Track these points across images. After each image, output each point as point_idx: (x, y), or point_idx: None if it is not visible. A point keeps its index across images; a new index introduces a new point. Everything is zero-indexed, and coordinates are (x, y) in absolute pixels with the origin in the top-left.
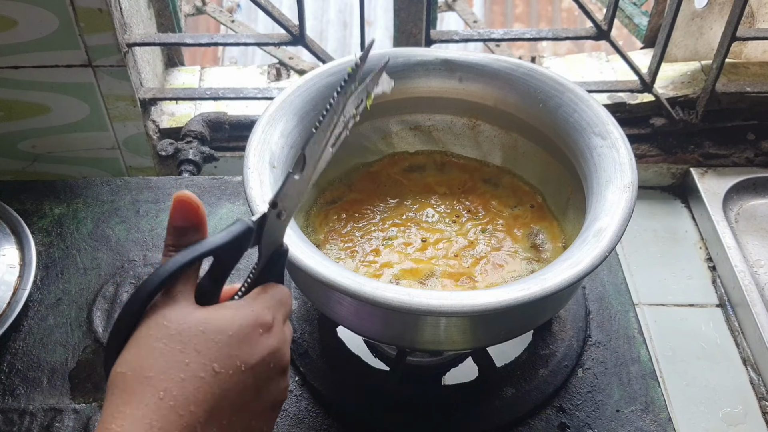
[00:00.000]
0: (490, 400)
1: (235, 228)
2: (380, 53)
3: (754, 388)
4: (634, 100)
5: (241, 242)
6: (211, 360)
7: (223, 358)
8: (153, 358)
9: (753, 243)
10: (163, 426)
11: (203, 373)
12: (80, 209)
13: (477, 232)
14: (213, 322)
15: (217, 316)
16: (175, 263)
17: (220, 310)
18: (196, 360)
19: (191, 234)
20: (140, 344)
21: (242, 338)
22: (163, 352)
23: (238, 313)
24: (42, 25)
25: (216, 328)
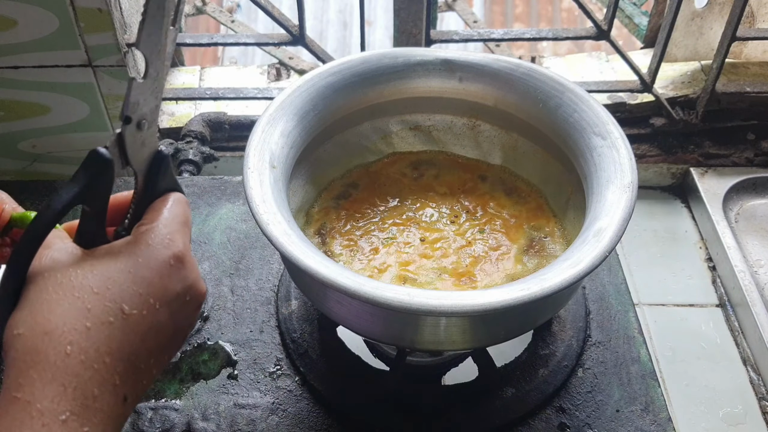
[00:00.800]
0: (490, 400)
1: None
2: (380, 53)
3: (754, 388)
4: (634, 100)
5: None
6: (116, 301)
7: (129, 296)
8: (49, 311)
9: (753, 243)
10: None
11: (111, 317)
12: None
13: (476, 232)
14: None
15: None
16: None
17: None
18: (96, 302)
19: None
20: (31, 300)
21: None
22: (58, 302)
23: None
24: (42, 25)
25: (112, 266)
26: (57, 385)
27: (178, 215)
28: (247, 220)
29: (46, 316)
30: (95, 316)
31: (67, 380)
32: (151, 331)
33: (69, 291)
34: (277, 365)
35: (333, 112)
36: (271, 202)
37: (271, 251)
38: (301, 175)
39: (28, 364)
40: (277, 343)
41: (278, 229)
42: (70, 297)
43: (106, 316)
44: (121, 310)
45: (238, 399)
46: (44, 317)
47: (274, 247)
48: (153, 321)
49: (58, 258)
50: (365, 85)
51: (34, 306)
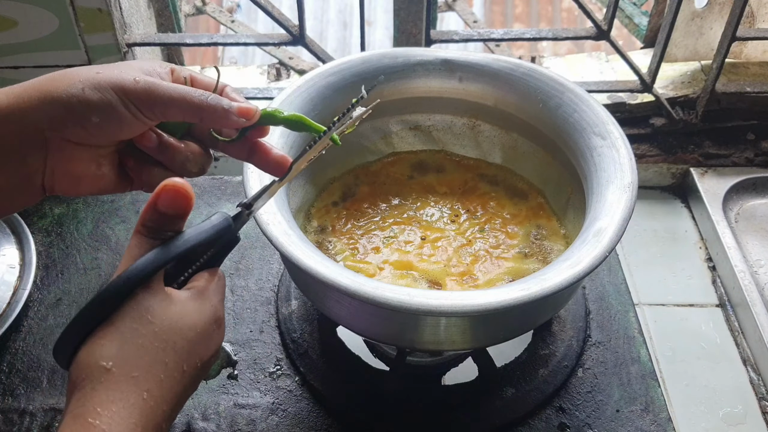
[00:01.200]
0: (490, 400)
1: (218, 224)
2: (380, 53)
3: (754, 388)
4: (634, 100)
5: (218, 237)
6: (183, 360)
7: (190, 357)
8: (139, 356)
9: (753, 243)
10: (145, 425)
11: (177, 374)
12: (80, 209)
13: (476, 231)
14: (187, 318)
15: (189, 311)
16: (166, 257)
17: (189, 303)
18: (173, 360)
19: (174, 222)
20: (125, 338)
21: (205, 335)
22: (148, 351)
23: (202, 308)
24: (42, 25)
25: (189, 325)
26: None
27: (221, 287)
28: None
29: (136, 361)
30: (169, 370)
31: (138, 420)
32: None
33: (159, 344)
34: (277, 365)
35: (333, 112)
36: (271, 202)
37: (271, 251)
38: (300, 175)
39: (111, 398)
40: (277, 343)
41: (278, 229)
42: (158, 350)
43: (174, 372)
44: (182, 368)
45: (238, 399)
46: (135, 362)
47: (274, 247)
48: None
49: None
50: (365, 85)
51: (127, 346)
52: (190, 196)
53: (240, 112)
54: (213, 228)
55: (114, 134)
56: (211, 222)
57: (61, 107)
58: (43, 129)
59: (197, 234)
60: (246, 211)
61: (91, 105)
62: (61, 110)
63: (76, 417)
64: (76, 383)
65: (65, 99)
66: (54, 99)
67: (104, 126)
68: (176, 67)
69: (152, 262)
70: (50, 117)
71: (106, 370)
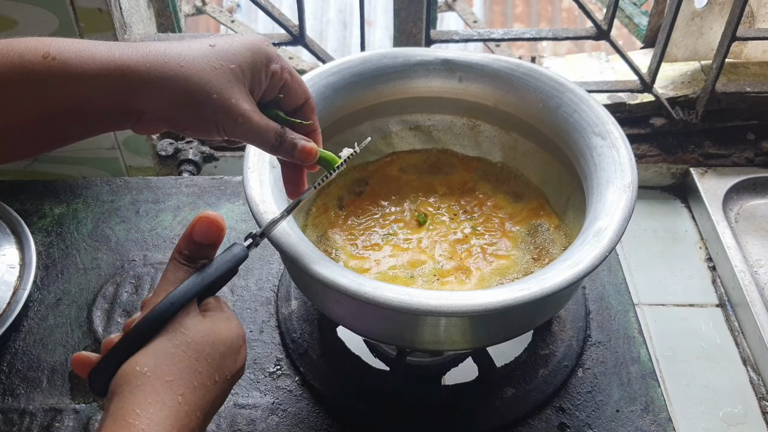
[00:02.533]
0: (490, 400)
1: (238, 254)
2: (380, 53)
3: (754, 388)
4: (634, 100)
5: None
6: (215, 370)
7: (220, 368)
8: (173, 363)
9: (753, 243)
10: (180, 428)
11: (209, 382)
12: (80, 209)
13: (475, 230)
14: (217, 332)
15: (219, 327)
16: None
17: (219, 321)
18: (206, 369)
19: (207, 250)
20: (159, 348)
21: (232, 350)
22: (182, 359)
23: (230, 325)
24: (42, 25)
25: (221, 339)
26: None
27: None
28: (247, 220)
29: (170, 368)
30: (202, 378)
31: (174, 422)
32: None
33: (192, 353)
34: (277, 365)
35: (333, 112)
36: (271, 202)
37: (271, 251)
38: None
39: (148, 401)
40: (277, 343)
41: (278, 229)
42: (191, 359)
43: (206, 380)
44: (214, 378)
45: (238, 399)
46: (169, 367)
47: (274, 247)
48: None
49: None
50: (365, 85)
51: (161, 354)
52: (222, 227)
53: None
54: (234, 258)
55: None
56: (233, 252)
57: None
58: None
59: (223, 264)
60: (257, 240)
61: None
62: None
63: (116, 419)
64: (114, 391)
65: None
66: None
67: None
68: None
69: (191, 288)
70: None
71: (142, 375)
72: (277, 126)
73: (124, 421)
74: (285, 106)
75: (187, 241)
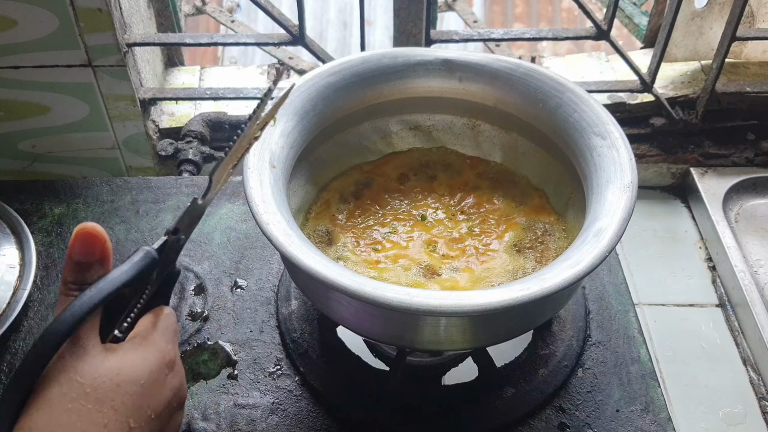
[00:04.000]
0: (490, 400)
1: (140, 261)
2: (380, 53)
3: (754, 388)
4: (634, 100)
5: (145, 274)
6: (127, 416)
7: (136, 411)
8: (70, 422)
9: (753, 243)
10: None
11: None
12: (80, 209)
13: (475, 229)
14: (126, 371)
15: (128, 363)
16: (82, 308)
17: (128, 354)
18: (114, 419)
19: (95, 269)
20: (53, 405)
21: (152, 384)
22: (80, 415)
23: (146, 356)
24: (42, 25)
25: (130, 378)
26: None
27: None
28: (247, 220)
29: (67, 428)
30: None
31: None
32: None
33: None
34: (277, 365)
35: (333, 112)
36: (271, 202)
37: (271, 251)
38: (301, 174)
39: None
40: (277, 343)
41: (278, 229)
42: (93, 411)
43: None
44: (128, 425)
45: (238, 399)
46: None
47: (274, 247)
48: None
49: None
50: (365, 85)
51: (55, 413)
52: (102, 238)
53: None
54: (134, 266)
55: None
56: (132, 260)
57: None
58: None
59: (118, 276)
60: (173, 237)
61: None
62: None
63: None
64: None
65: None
66: None
67: None
68: None
69: (73, 314)
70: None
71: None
72: None
73: None
74: None
75: (68, 266)
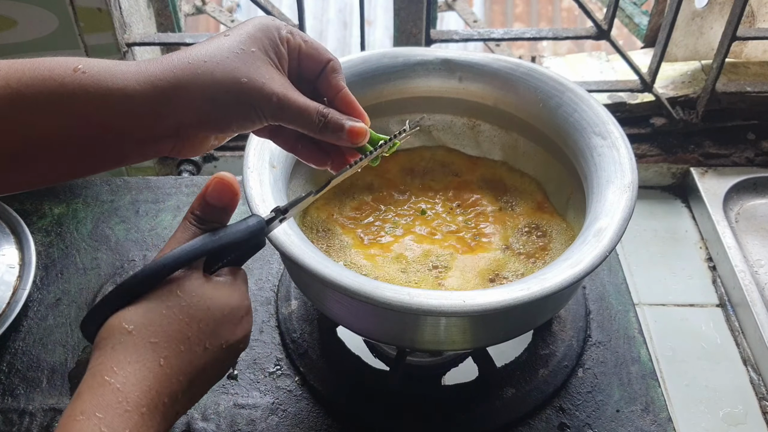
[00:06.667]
0: (490, 400)
1: (253, 226)
2: (380, 53)
3: (754, 388)
4: (634, 100)
5: (252, 238)
6: (207, 336)
7: (214, 336)
8: (161, 325)
9: (753, 243)
10: (159, 390)
11: (198, 348)
12: (80, 209)
13: (474, 227)
14: (217, 299)
15: (219, 294)
16: (203, 248)
17: (221, 287)
18: (196, 335)
19: (220, 214)
20: (149, 307)
21: (232, 319)
22: (171, 322)
23: (233, 294)
24: (42, 24)
25: (219, 306)
26: (145, 385)
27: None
28: None
29: (157, 328)
30: (190, 344)
31: (152, 384)
32: (212, 365)
33: (184, 317)
34: (277, 365)
35: None
36: (271, 202)
37: (271, 251)
38: (300, 174)
39: (128, 359)
40: (277, 343)
41: (278, 228)
42: (182, 322)
43: (195, 346)
44: (204, 345)
45: (238, 399)
46: (156, 328)
47: (274, 247)
48: (217, 357)
49: (188, 285)
50: (365, 85)
51: (150, 313)
52: (235, 191)
53: (350, 135)
54: (248, 229)
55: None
56: (247, 223)
57: (204, 109)
58: (178, 126)
59: (236, 231)
60: (280, 216)
61: (233, 119)
62: (204, 111)
63: (94, 374)
64: (98, 344)
65: (207, 107)
66: (194, 100)
67: (238, 131)
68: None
69: (197, 248)
70: (190, 117)
71: (127, 332)
72: (319, 105)
73: (100, 377)
74: (307, 74)
75: (199, 201)
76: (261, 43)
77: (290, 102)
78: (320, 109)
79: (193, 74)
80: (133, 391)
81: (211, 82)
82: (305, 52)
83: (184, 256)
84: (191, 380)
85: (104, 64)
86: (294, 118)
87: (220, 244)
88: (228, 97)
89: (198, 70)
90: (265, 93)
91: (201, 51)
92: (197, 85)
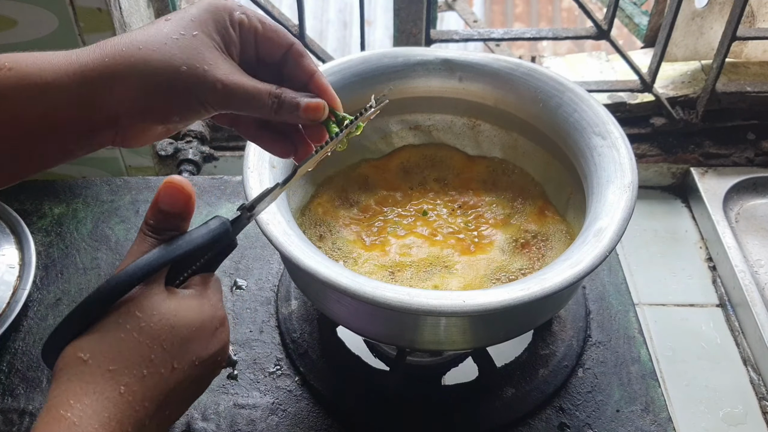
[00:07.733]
0: (490, 400)
1: (216, 228)
2: (380, 53)
3: (754, 388)
4: (634, 100)
5: (216, 241)
6: (173, 356)
7: (183, 354)
8: (119, 351)
9: (753, 243)
10: (121, 419)
11: (164, 370)
12: (80, 209)
13: (473, 226)
14: (182, 315)
15: (185, 308)
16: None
17: (186, 300)
18: (161, 356)
19: (176, 221)
20: (106, 332)
21: (202, 333)
22: (130, 345)
23: (202, 307)
24: (42, 25)
25: (184, 322)
26: (103, 416)
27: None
28: None
29: (116, 354)
30: (154, 366)
31: (112, 414)
32: (184, 383)
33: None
34: (277, 365)
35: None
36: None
37: (271, 251)
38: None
39: (84, 390)
40: (277, 343)
41: (278, 229)
42: (143, 345)
43: (160, 368)
44: (172, 365)
45: (238, 399)
46: (114, 355)
47: (274, 247)
48: (189, 374)
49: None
50: (365, 85)
51: (107, 338)
52: (189, 194)
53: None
54: (210, 233)
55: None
56: (209, 226)
57: (140, 99)
58: (116, 117)
59: (196, 237)
60: (246, 214)
61: (173, 109)
62: (140, 102)
63: (50, 408)
64: (55, 375)
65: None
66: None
67: (182, 122)
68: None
69: (152, 261)
70: (127, 107)
71: (83, 362)
72: (271, 86)
73: (56, 412)
74: (267, 59)
75: (152, 210)
76: (205, 26)
77: (237, 87)
78: (272, 90)
79: (127, 62)
80: (90, 423)
81: (146, 71)
82: (262, 35)
83: (139, 272)
84: (159, 404)
85: (33, 58)
86: (244, 104)
87: (179, 253)
88: (165, 86)
89: (131, 58)
90: (207, 81)
91: (137, 37)
92: (132, 74)
